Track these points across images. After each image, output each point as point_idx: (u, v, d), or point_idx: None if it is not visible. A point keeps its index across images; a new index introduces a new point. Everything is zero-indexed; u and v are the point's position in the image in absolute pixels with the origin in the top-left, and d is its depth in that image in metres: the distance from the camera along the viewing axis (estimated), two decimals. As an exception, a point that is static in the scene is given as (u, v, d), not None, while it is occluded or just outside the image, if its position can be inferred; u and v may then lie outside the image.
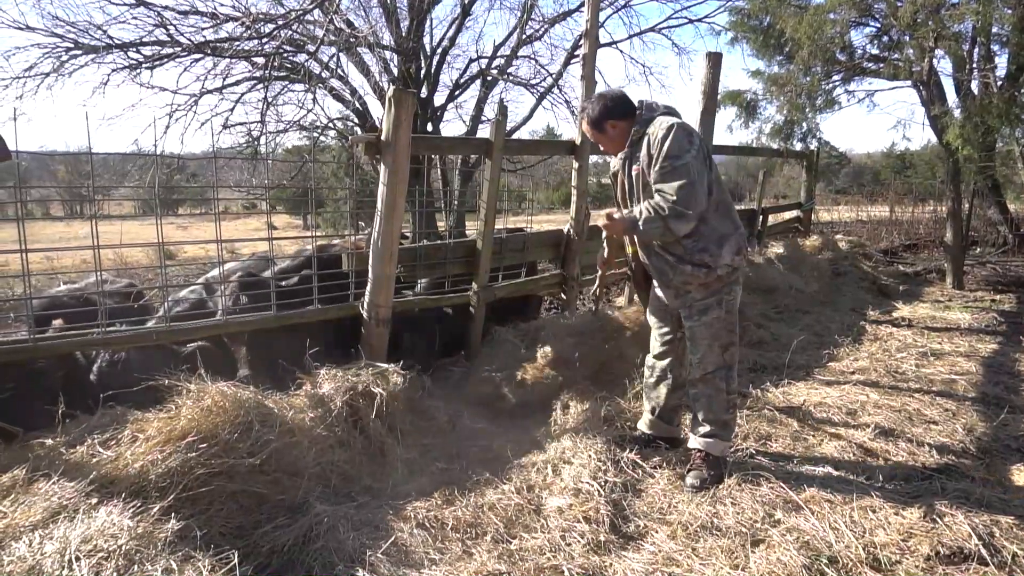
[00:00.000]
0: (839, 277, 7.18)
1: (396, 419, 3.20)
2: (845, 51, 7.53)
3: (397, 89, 3.34)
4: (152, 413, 2.67)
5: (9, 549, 1.94)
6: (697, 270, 2.90)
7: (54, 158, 20.36)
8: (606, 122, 2.97)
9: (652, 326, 3.28)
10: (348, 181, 12.76)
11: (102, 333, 3.01)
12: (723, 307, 2.96)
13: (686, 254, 2.89)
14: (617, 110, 2.96)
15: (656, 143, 2.82)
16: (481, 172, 11.98)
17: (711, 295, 2.95)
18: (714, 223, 2.90)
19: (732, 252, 2.91)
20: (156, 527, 2.07)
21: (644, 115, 2.95)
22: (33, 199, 7.68)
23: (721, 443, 3.02)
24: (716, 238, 2.89)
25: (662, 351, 3.23)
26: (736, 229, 2.97)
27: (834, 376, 4.45)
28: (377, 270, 3.49)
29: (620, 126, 2.97)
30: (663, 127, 2.83)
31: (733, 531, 2.54)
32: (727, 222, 2.95)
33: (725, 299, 2.97)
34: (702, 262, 2.88)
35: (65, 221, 18.06)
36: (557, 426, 3.52)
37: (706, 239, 2.88)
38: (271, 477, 2.70)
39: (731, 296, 2.99)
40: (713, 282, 2.93)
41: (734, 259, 2.92)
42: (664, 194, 2.78)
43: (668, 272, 2.97)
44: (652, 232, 2.83)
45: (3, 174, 14.26)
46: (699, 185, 2.78)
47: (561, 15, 12.40)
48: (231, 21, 9.46)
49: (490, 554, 2.40)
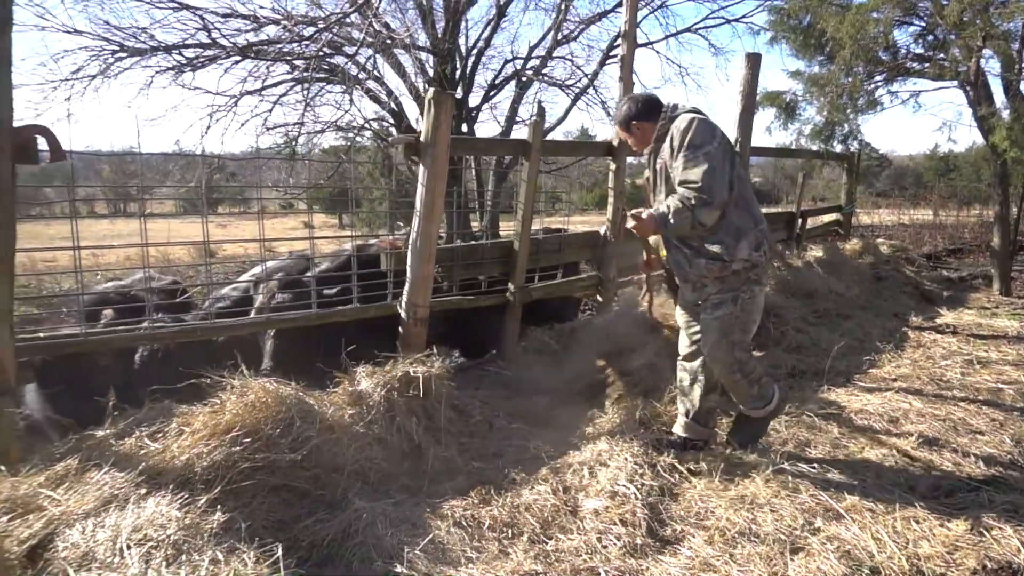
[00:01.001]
0: (880, 282, 7.03)
1: (433, 417, 3.23)
2: (888, 51, 7.35)
3: (436, 91, 3.38)
4: (197, 407, 2.74)
5: (63, 536, 2.01)
6: (711, 263, 2.94)
7: (99, 158, 20.95)
8: (632, 123, 3.10)
9: (681, 326, 3.30)
10: (384, 181, 12.90)
11: (149, 328, 3.09)
12: (738, 304, 2.99)
13: (701, 247, 2.94)
14: (642, 112, 3.07)
15: (678, 135, 2.89)
16: (516, 173, 12.00)
17: (727, 291, 2.98)
18: (732, 217, 2.93)
19: (750, 247, 2.94)
20: (203, 518, 2.12)
21: (669, 113, 3.03)
22: (80, 198, 7.90)
23: (761, 410, 3.19)
24: (733, 232, 2.92)
25: (692, 351, 3.24)
26: (756, 225, 2.99)
27: (875, 383, 4.36)
28: (416, 270, 3.53)
29: (644, 126, 3.08)
30: (685, 120, 2.91)
31: (772, 538, 2.51)
32: (747, 217, 2.98)
33: (742, 296, 2.98)
34: (716, 255, 2.92)
35: (109, 219, 18.57)
36: (593, 428, 3.51)
37: (722, 232, 2.92)
38: (311, 473, 2.75)
39: (748, 295, 3.00)
40: (729, 276, 2.96)
41: (751, 255, 2.94)
42: (688, 184, 2.83)
43: (684, 265, 3.03)
44: (682, 225, 2.86)
45: (52, 173, 14.71)
46: (720, 174, 2.82)
47: (597, 16, 12.35)
48: (272, 24, 9.63)
49: (526, 554, 2.41)
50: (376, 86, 11.96)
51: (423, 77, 11.94)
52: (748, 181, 3.13)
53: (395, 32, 9.43)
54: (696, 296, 3.10)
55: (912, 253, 8.61)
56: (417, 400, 3.16)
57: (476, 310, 4.26)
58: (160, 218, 11.16)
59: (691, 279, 3.07)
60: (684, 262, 3.03)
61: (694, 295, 3.11)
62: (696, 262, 2.97)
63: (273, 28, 9.87)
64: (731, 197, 2.89)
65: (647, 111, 3.07)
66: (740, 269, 2.94)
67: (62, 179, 6.62)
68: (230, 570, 1.85)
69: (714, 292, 2.99)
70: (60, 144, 2.58)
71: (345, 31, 10.33)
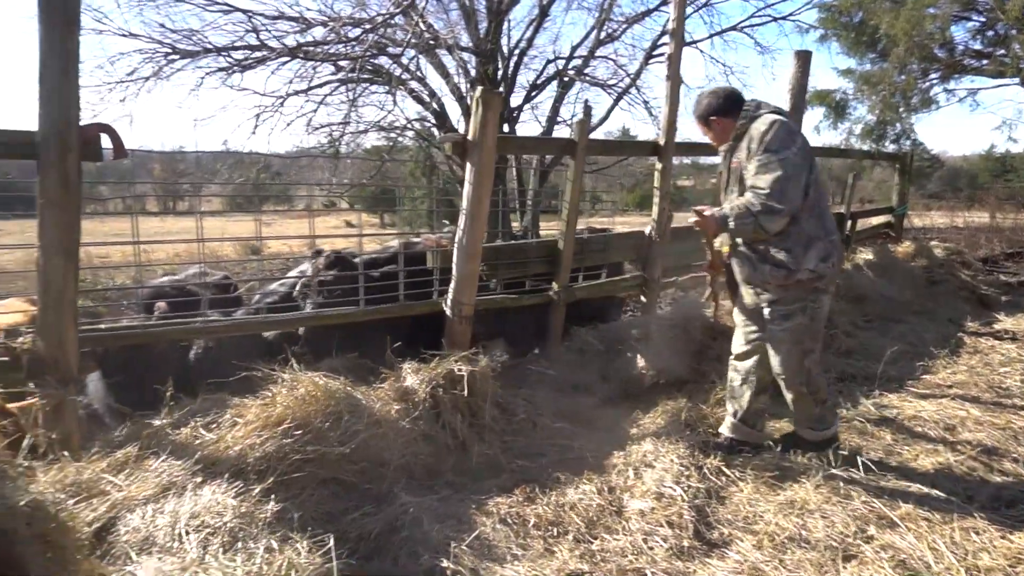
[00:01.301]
0: (934, 286, 6.81)
1: (477, 415, 3.25)
2: (945, 47, 7.14)
3: (485, 90, 3.39)
4: (250, 399, 2.80)
5: (125, 520, 2.08)
6: (776, 271, 2.89)
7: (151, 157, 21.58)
8: (710, 117, 3.06)
9: (738, 325, 3.25)
10: (425, 181, 13.01)
11: (204, 322, 3.17)
12: (807, 314, 2.94)
13: (767, 252, 2.90)
14: (722, 107, 3.03)
15: (757, 137, 2.85)
16: (556, 172, 11.96)
17: (796, 301, 2.93)
18: (804, 225, 2.87)
19: (818, 258, 2.88)
20: (257, 508, 2.18)
21: (751, 112, 2.98)
22: (134, 195, 8.16)
23: (817, 433, 3.14)
24: (803, 241, 2.87)
25: (745, 351, 3.19)
26: (827, 235, 2.93)
27: (929, 389, 4.23)
28: (462, 268, 3.55)
29: (724, 123, 3.04)
30: (766, 122, 2.86)
31: (823, 545, 2.46)
32: (819, 227, 2.91)
33: (810, 306, 2.94)
34: (782, 263, 2.87)
35: (160, 216, 19.11)
36: (637, 429, 3.48)
37: (791, 240, 2.87)
38: (359, 466, 2.78)
39: (817, 304, 2.96)
40: (793, 285, 2.91)
41: (819, 265, 2.88)
42: (757, 190, 2.78)
43: (747, 270, 2.99)
44: (744, 229, 2.83)
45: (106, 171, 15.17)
46: (794, 182, 2.77)
47: (640, 15, 12.21)
48: (319, 26, 9.78)
49: (572, 553, 2.41)
50: (419, 86, 12.06)
51: (465, 77, 12.00)
52: (825, 190, 3.09)
53: (439, 33, 9.49)
54: (755, 301, 3.05)
55: (968, 256, 8.31)
56: (462, 397, 3.18)
57: (519, 309, 4.26)
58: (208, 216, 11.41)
59: (753, 283, 3.02)
60: (747, 265, 2.99)
61: (754, 299, 3.06)
62: (760, 267, 2.93)
63: (320, 30, 10.03)
64: (805, 204, 2.84)
65: (728, 107, 3.03)
66: (805, 279, 2.88)
67: (116, 177, 6.84)
68: (284, 559, 1.88)
69: (777, 300, 2.95)
70: (123, 142, 2.67)
71: (389, 32, 10.44)
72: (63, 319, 2.53)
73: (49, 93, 2.38)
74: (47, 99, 2.38)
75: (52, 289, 2.49)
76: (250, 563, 1.86)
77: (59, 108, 2.39)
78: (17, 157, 2.60)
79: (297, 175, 13.13)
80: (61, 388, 2.50)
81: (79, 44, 2.39)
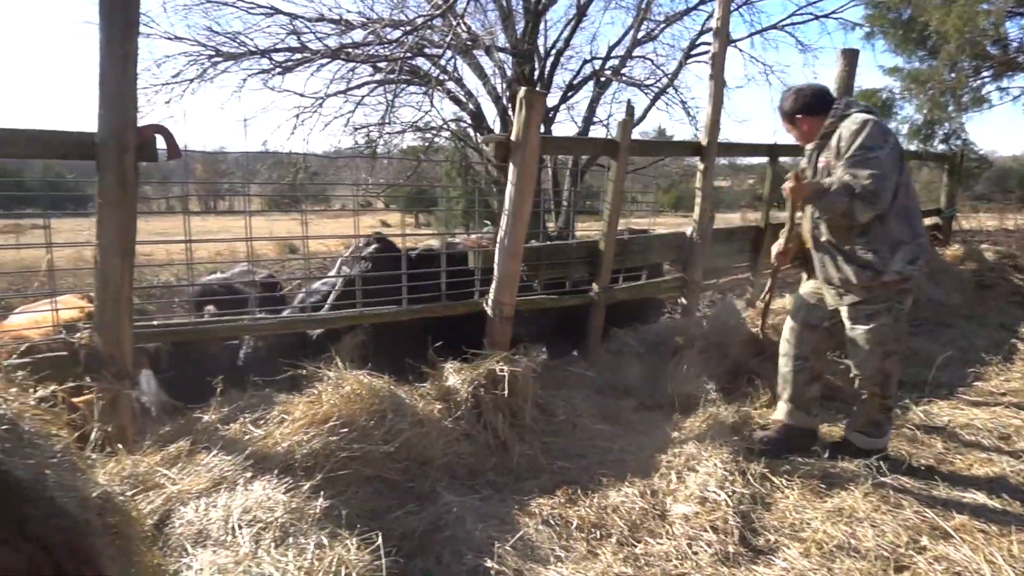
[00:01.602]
0: (985, 290, 6.61)
1: (518, 415, 3.25)
2: (998, 44, 6.91)
3: (529, 91, 3.39)
4: (296, 397, 2.85)
5: (179, 513, 2.13)
6: (862, 272, 2.87)
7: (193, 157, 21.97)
8: (796, 116, 3.03)
9: (796, 313, 3.24)
10: (460, 181, 13.06)
11: (251, 320, 3.23)
12: (891, 315, 2.92)
13: (854, 252, 2.86)
14: (809, 105, 3.00)
15: (848, 136, 2.82)
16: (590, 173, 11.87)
17: (881, 302, 2.90)
18: (892, 226, 2.85)
19: (905, 260, 2.85)
20: (307, 504, 2.21)
21: (840, 111, 2.94)
22: (176, 195, 8.34)
23: (871, 440, 3.13)
24: (890, 243, 2.85)
25: (801, 339, 3.18)
26: (915, 238, 2.89)
27: (982, 396, 4.11)
28: (503, 268, 3.55)
29: (810, 121, 3.01)
30: (858, 122, 2.83)
31: (873, 554, 2.41)
32: (906, 229, 2.88)
33: (895, 307, 2.92)
34: (869, 264, 2.85)
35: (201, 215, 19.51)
36: (678, 432, 3.44)
37: (879, 241, 2.84)
38: (402, 465, 2.81)
39: (901, 305, 2.93)
40: (877, 287, 2.87)
41: (905, 267, 2.85)
42: (857, 178, 2.74)
43: (830, 268, 2.96)
44: (835, 205, 2.76)
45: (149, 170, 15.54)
46: (888, 181, 2.74)
47: (679, 13, 12.11)
48: (359, 28, 9.90)
49: (615, 556, 2.39)
50: (455, 87, 12.13)
51: (502, 78, 12.02)
52: (914, 192, 3.04)
53: (477, 34, 9.53)
54: (835, 302, 3.01)
55: (1020, 260, 8.05)
56: (503, 397, 3.19)
57: (559, 310, 4.26)
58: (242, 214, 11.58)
59: (834, 282, 2.97)
60: (830, 264, 2.96)
61: (834, 300, 3.02)
62: (845, 267, 2.91)
63: (359, 32, 10.16)
64: (893, 206, 2.81)
65: (815, 106, 3.00)
66: (890, 281, 2.87)
67: (159, 177, 7.02)
68: (334, 555, 1.91)
69: (861, 302, 2.93)
70: (177, 143, 2.73)
71: (427, 33, 10.52)
72: (120, 316, 2.60)
73: (108, 95, 2.44)
74: (107, 101, 2.44)
75: (110, 286, 2.56)
76: (301, 558, 1.88)
77: (118, 110, 2.45)
78: (76, 158, 2.68)
79: (335, 175, 13.31)
80: (117, 383, 2.57)
81: (138, 48, 2.45)
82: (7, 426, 1.10)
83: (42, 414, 1.34)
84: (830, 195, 2.75)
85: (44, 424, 1.29)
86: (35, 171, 6.53)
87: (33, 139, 2.54)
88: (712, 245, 4.67)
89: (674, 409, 3.64)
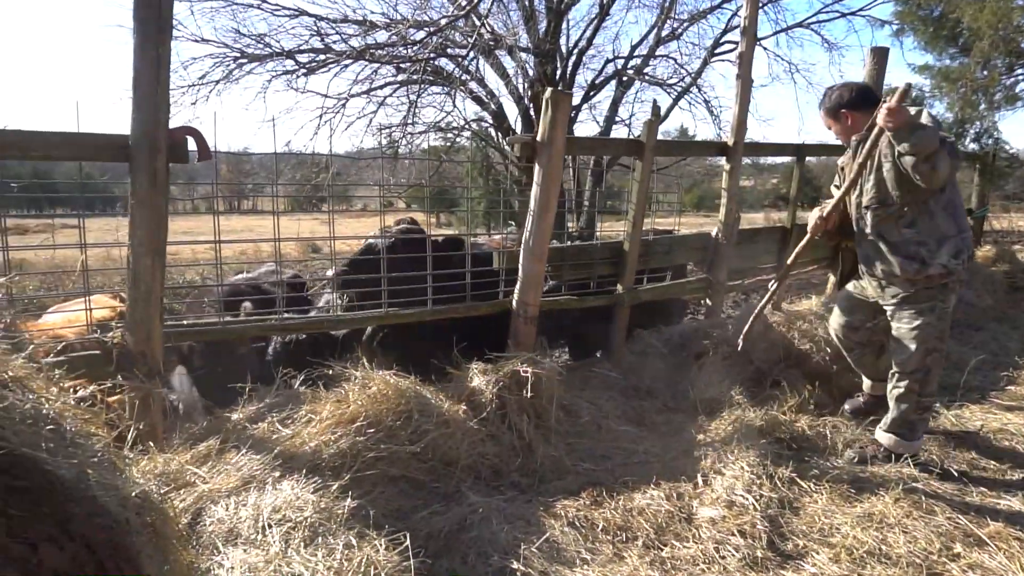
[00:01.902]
0: (1017, 292, 6.48)
1: (543, 416, 3.24)
2: (1033, 41, 6.77)
3: (555, 91, 3.38)
4: (323, 396, 2.86)
5: (209, 511, 2.15)
6: (908, 264, 2.90)
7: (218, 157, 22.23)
8: (841, 111, 3.06)
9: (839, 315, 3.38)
10: (481, 181, 13.07)
11: (279, 319, 3.26)
12: (935, 313, 2.94)
13: (902, 244, 2.91)
14: (855, 101, 3.04)
15: None
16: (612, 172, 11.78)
17: (926, 300, 2.93)
18: (939, 220, 2.89)
19: (950, 254, 2.87)
20: (335, 503, 2.22)
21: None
22: (201, 196, 8.45)
23: (904, 443, 3.09)
24: (937, 236, 2.89)
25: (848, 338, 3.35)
26: (960, 232, 2.92)
27: (1015, 401, 4.02)
28: (528, 269, 3.55)
29: (855, 116, 3.03)
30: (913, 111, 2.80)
31: (905, 561, 2.38)
32: (952, 224, 2.91)
33: (939, 305, 2.93)
34: (916, 255, 2.89)
35: (225, 215, 19.76)
36: (704, 435, 3.42)
37: (926, 234, 2.89)
38: (428, 465, 2.82)
39: (945, 303, 2.94)
40: (922, 280, 2.90)
41: (950, 262, 2.87)
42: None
43: (876, 260, 2.99)
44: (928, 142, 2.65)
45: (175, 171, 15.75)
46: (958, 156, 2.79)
47: (703, 12, 12.03)
48: (383, 29, 9.96)
49: (642, 560, 2.38)
50: (477, 87, 12.15)
51: (524, 78, 12.03)
52: (958, 188, 3.07)
53: (500, 34, 9.54)
54: (879, 294, 3.06)
55: (1054, 261, 7.88)
56: (527, 398, 3.18)
57: (583, 310, 4.24)
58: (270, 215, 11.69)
59: (879, 275, 3.03)
60: (876, 257, 3.00)
61: (877, 292, 3.08)
62: (891, 259, 2.94)
63: (383, 33, 10.22)
64: (940, 199, 2.88)
65: (860, 101, 3.04)
66: (935, 275, 2.89)
67: (184, 178, 7.11)
68: (363, 556, 1.92)
69: (906, 297, 2.97)
70: (207, 144, 2.76)
71: (450, 34, 10.54)
72: (151, 314, 2.63)
73: (141, 97, 2.47)
74: (140, 103, 2.48)
75: (141, 285, 2.60)
76: (331, 559, 1.89)
77: (151, 112, 2.48)
78: (108, 160, 2.71)
79: (357, 175, 13.40)
80: (148, 381, 2.60)
81: (170, 51, 2.48)
82: (51, 426, 1.12)
83: (82, 413, 1.37)
84: (927, 130, 2.67)
85: (84, 423, 1.32)
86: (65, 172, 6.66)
87: (67, 141, 2.58)
88: (737, 246, 4.63)
89: (699, 411, 3.61)
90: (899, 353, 3.02)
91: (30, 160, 2.67)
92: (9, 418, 1.06)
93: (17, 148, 2.46)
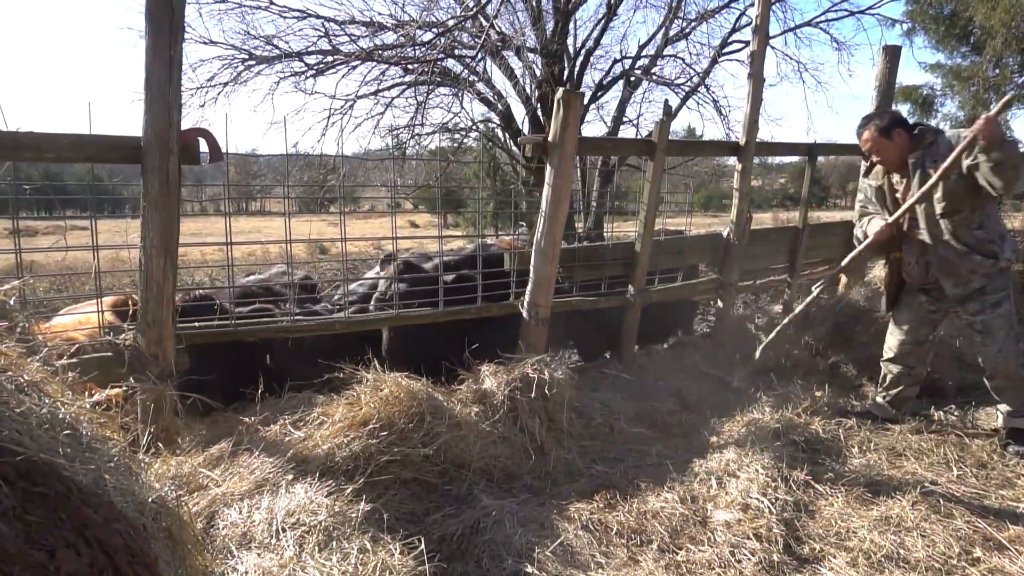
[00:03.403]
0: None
1: (555, 419, 3.22)
2: (1047, 39, 6.69)
3: (566, 91, 3.36)
4: (335, 399, 2.85)
5: (223, 514, 2.14)
6: (985, 260, 3.22)
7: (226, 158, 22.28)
8: (894, 130, 3.27)
9: (897, 328, 3.60)
10: (489, 182, 13.05)
11: (291, 321, 3.25)
12: (1011, 300, 3.29)
13: (977, 244, 3.23)
14: (903, 121, 3.31)
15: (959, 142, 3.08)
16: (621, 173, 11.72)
17: (1002, 289, 3.27)
18: (995, 220, 3.29)
19: (1011, 248, 3.26)
20: (349, 507, 2.20)
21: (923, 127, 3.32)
22: (209, 198, 8.49)
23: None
24: (999, 233, 3.26)
25: (903, 352, 3.58)
26: (1006, 230, 3.35)
27: (1032, 402, 3.97)
28: (539, 270, 3.53)
29: (904, 135, 3.27)
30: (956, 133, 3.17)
31: (924, 565, 2.34)
32: (1001, 223, 3.34)
33: (1012, 293, 3.30)
34: (992, 252, 3.22)
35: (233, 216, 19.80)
36: (717, 437, 3.39)
37: (993, 232, 3.24)
38: (440, 467, 2.81)
39: (1012, 291, 3.32)
40: (996, 273, 3.25)
41: (1011, 254, 3.26)
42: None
43: (955, 261, 3.27)
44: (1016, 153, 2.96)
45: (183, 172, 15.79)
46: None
47: (712, 11, 11.95)
48: (391, 31, 9.95)
49: (657, 563, 2.35)
50: (485, 88, 12.12)
51: (532, 79, 11.99)
52: None
53: (507, 35, 9.52)
54: (961, 291, 3.31)
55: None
56: (539, 401, 3.16)
57: (594, 311, 4.22)
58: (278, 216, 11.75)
59: (956, 274, 3.29)
60: (955, 258, 3.26)
61: (957, 290, 3.32)
62: (970, 258, 3.23)
63: (391, 35, 10.21)
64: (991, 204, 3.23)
65: (905, 122, 3.31)
66: (1006, 266, 3.25)
67: (192, 179, 7.12)
68: (378, 560, 1.90)
69: (986, 290, 3.25)
70: (219, 146, 2.75)
71: (457, 35, 10.53)
72: (163, 316, 2.63)
73: (153, 99, 2.47)
74: (152, 105, 2.47)
75: (153, 286, 2.59)
76: (345, 563, 1.88)
77: (163, 113, 2.48)
78: (120, 161, 2.71)
79: (364, 177, 13.40)
80: (160, 383, 2.59)
81: (183, 52, 2.47)
82: (68, 431, 1.11)
83: (98, 417, 1.36)
84: (1012, 142, 3.08)
85: (100, 428, 1.31)
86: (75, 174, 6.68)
87: (79, 143, 2.57)
88: (749, 246, 4.59)
89: (712, 412, 3.58)
90: (993, 344, 3.29)
91: (44, 162, 2.66)
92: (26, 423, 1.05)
93: (32, 150, 2.47)
